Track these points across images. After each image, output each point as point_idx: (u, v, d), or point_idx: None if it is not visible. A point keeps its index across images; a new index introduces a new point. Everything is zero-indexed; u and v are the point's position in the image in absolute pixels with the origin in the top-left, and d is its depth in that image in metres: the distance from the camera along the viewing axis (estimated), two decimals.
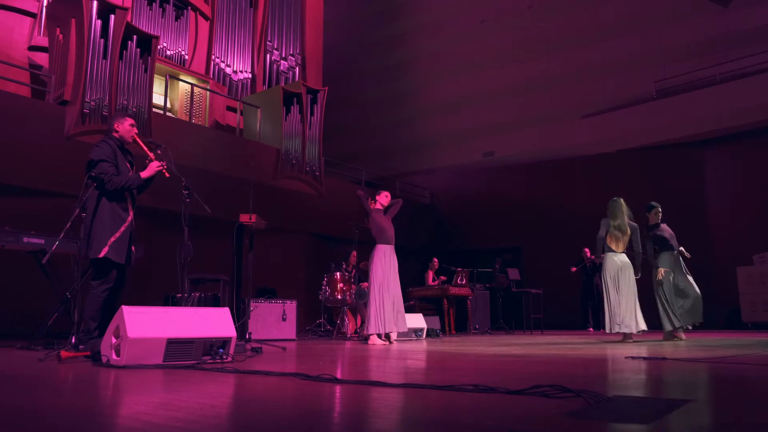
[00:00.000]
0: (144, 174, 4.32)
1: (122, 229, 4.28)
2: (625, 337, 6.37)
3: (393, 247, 6.60)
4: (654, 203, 7.01)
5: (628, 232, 6.53)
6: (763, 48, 10.81)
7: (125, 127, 4.43)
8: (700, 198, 11.51)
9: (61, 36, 8.42)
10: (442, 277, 10.23)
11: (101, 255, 4.16)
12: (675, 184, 11.61)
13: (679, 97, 11.56)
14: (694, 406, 1.96)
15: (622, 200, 6.72)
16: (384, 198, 6.66)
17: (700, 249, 11.06)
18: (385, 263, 6.45)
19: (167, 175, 4.36)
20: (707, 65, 11.38)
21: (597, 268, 10.56)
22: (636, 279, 6.51)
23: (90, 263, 4.29)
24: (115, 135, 4.42)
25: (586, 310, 10.74)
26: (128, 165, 4.43)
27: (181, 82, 10.38)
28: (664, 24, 12.29)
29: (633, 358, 4.04)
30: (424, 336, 8.05)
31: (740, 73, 10.96)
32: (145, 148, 4.44)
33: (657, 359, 3.85)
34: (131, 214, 4.38)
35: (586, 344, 6.13)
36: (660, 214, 6.96)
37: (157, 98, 9.45)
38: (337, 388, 2.50)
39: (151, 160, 4.37)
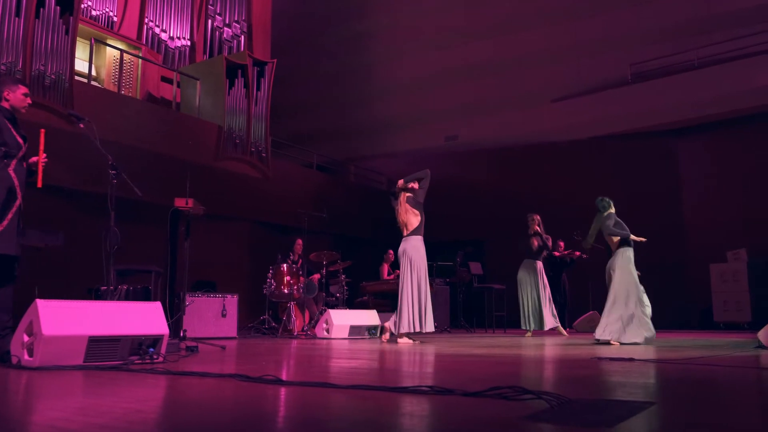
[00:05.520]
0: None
1: (9, 216, 4.08)
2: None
3: None
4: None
5: None
6: (745, 32, 11.16)
7: (17, 96, 4.19)
8: (674, 190, 11.89)
9: None
10: (398, 271, 10.29)
11: None
12: (649, 174, 11.95)
13: (656, 81, 11.87)
14: (656, 408, 2.05)
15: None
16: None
17: (674, 244, 11.48)
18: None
19: (39, 184, 4.21)
20: (686, 48, 11.71)
21: (566, 264, 10.82)
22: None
23: None
24: (5, 105, 4.20)
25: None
26: (20, 140, 4.21)
27: (108, 48, 10.08)
28: (641, 4, 12.57)
29: (599, 358, 4.19)
30: (378, 334, 8.11)
31: (720, 58, 11.28)
32: (42, 145, 4.23)
33: (624, 360, 4.00)
34: (19, 197, 4.17)
35: (551, 344, 6.30)
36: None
37: (81, 65, 9.15)
38: (282, 391, 2.51)
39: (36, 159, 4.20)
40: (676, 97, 11.51)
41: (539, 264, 8.86)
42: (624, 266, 6.29)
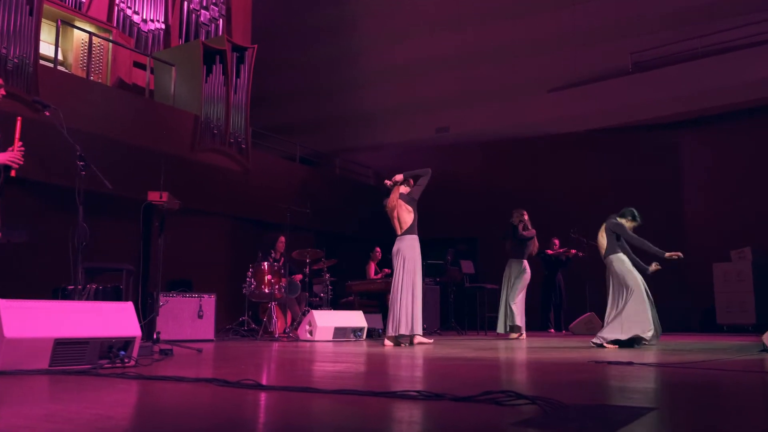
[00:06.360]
0: None
1: None
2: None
3: None
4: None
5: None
6: (752, 19, 11.20)
7: None
8: (675, 186, 11.98)
9: None
10: (386, 270, 10.30)
11: None
12: (649, 169, 12.01)
13: (657, 71, 11.93)
14: (657, 414, 2.07)
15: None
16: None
17: (674, 241, 11.54)
18: None
19: (12, 173, 4.19)
20: (689, 36, 11.77)
21: (562, 263, 10.88)
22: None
23: None
24: None
25: (547, 309, 11.05)
26: None
27: (76, 30, 9.96)
28: None
29: (597, 362, 4.22)
30: (364, 336, 8.12)
31: (726, 46, 11.33)
32: (18, 134, 4.23)
33: (623, 364, 4.03)
34: None
35: (546, 347, 6.33)
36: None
37: (46, 48, 9.05)
38: (262, 396, 2.51)
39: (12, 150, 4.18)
40: (679, 88, 11.55)
41: (524, 263, 8.88)
42: (625, 268, 6.44)
